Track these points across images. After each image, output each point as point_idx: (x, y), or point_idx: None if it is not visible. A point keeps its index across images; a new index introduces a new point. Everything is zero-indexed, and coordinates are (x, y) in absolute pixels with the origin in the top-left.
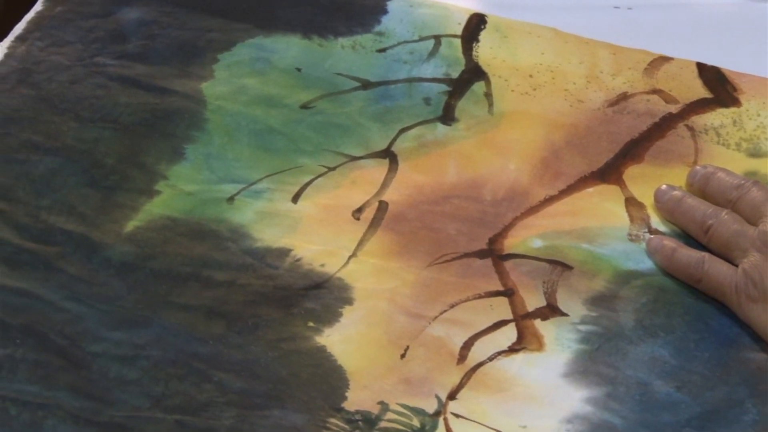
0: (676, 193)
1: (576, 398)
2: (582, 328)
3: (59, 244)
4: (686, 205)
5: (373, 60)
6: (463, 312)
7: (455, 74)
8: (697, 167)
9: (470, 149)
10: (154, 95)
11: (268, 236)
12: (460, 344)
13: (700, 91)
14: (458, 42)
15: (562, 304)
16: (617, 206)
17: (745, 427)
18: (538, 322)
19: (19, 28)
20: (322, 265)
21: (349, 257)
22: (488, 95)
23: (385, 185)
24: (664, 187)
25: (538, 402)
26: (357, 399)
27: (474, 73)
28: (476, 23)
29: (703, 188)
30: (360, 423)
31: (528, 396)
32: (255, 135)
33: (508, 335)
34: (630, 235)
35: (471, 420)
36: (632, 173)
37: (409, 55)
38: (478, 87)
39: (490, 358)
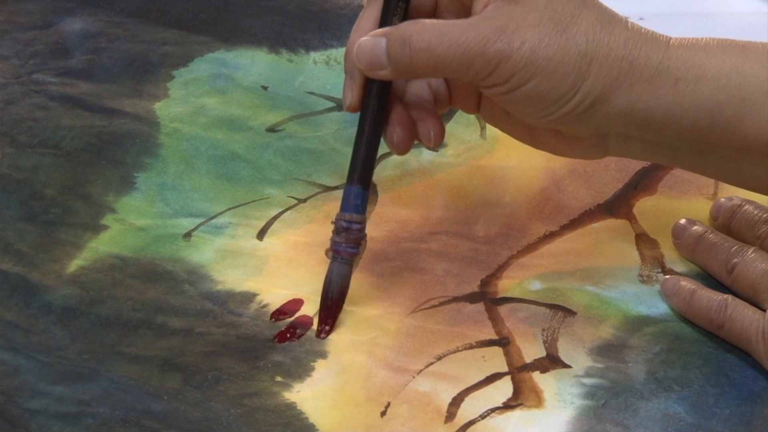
0: (696, 228)
1: None
2: (586, 381)
3: None
4: (708, 242)
5: None
6: (452, 364)
7: None
8: (722, 199)
9: (460, 179)
10: (101, 117)
11: (230, 278)
12: (449, 400)
13: None
14: None
15: (564, 354)
16: (627, 243)
17: None
18: (536, 375)
19: None
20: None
21: None
22: (480, 117)
23: None
24: (683, 221)
25: None
26: None
27: None
28: None
29: (728, 223)
30: None
31: None
32: (215, 162)
33: (502, 390)
34: (641, 275)
35: None
36: (644, 206)
37: None
38: None
39: (483, 416)
